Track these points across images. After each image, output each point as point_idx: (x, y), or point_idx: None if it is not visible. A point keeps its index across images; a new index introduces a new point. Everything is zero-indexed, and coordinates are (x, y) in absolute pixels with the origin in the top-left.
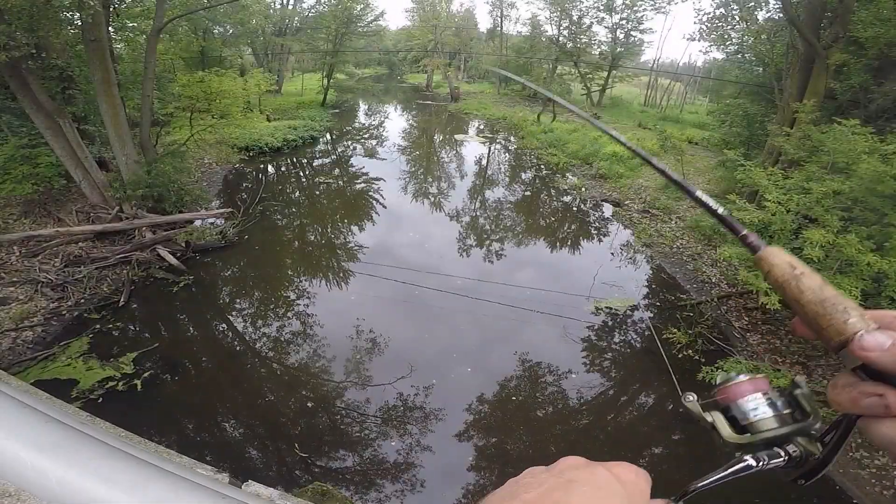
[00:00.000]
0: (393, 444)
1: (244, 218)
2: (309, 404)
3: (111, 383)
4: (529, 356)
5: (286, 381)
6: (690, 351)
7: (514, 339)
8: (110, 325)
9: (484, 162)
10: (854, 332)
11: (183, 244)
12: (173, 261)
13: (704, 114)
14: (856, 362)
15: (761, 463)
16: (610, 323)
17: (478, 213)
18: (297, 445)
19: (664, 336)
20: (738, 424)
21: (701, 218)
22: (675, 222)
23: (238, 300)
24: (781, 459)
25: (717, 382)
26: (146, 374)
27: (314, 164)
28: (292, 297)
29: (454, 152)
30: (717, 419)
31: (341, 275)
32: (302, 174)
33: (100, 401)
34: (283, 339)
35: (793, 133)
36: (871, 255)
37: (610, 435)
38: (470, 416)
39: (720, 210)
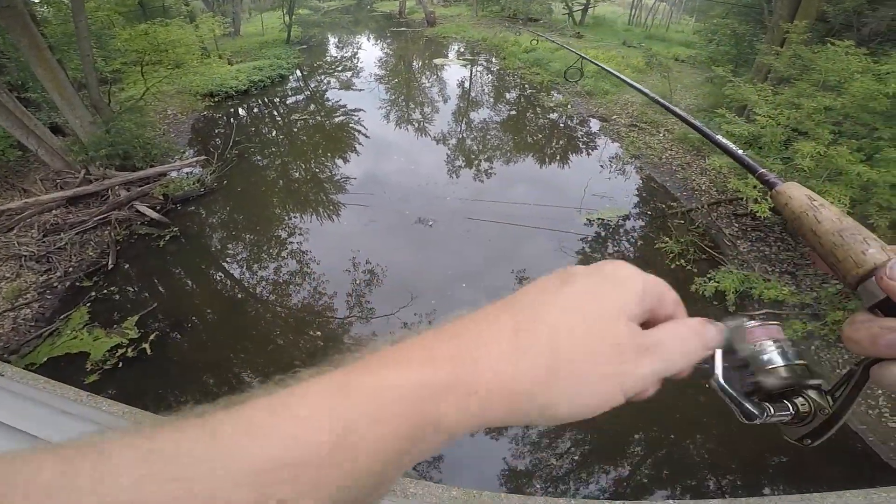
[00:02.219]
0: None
1: (220, 164)
2: (319, 343)
3: (121, 350)
4: (527, 272)
5: (292, 324)
6: (682, 261)
7: (510, 256)
8: (105, 291)
9: (466, 84)
10: (874, 264)
11: (161, 197)
12: (154, 215)
13: (691, 33)
14: (875, 299)
15: (766, 414)
16: (603, 234)
17: (465, 135)
18: None
19: (656, 245)
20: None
21: (688, 131)
22: (664, 135)
23: (229, 245)
24: (788, 413)
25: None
26: (153, 337)
27: (287, 103)
28: (284, 235)
29: (435, 77)
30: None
31: (331, 208)
32: (276, 113)
33: (119, 367)
34: (281, 280)
35: (783, 52)
36: (860, 165)
37: None
38: None
39: (739, 151)
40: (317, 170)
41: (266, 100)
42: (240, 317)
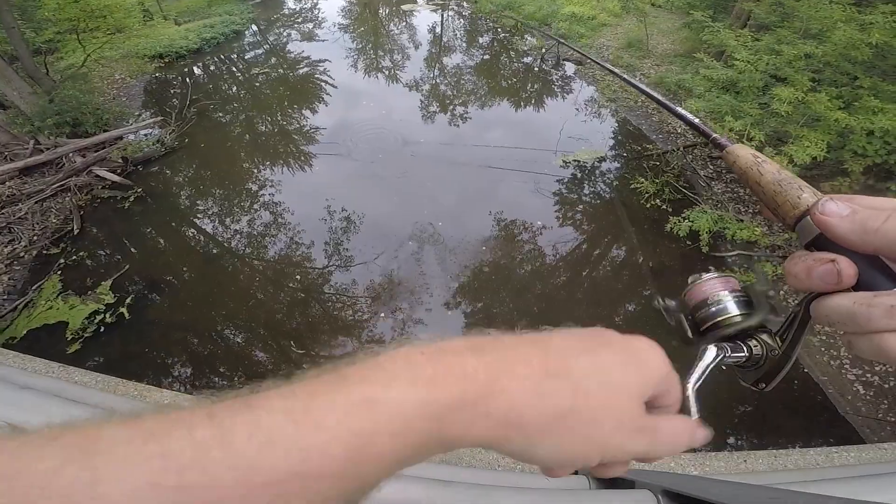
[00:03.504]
0: (387, 322)
1: (179, 123)
2: (299, 295)
3: (99, 317)
4: (504, 215)
5: (271, 277)
6: (658, 200)
7: (488, 199)
8: (75, 258)
9: (438, 30)
10: (808, 205)
11: (120, 160)
12: (115, 178)
13: None
14: (810, 236)
15: (723, 353)
16: (579, 175)
17: (438, 81)
18: (292, 343)
19: (632, 185)
20: (705, 321)
21: (665, 75)
22: (640, 78)
23: (199, 202)
24: (743, 355)
25: (689, 282)
26: (129, 300)
27: (246, 58)
28: (255, 188)
29: (404, 24)
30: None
31: (302, 159)
32: (234, 69)
33: (101, 333)
34: (256, 233)
35: None
36: (839, 112)
37: (587, 292)
38: (454, 283)
39: (695, 120)
40: (284, 122)
41: (222, 57)
42: (217, 273)
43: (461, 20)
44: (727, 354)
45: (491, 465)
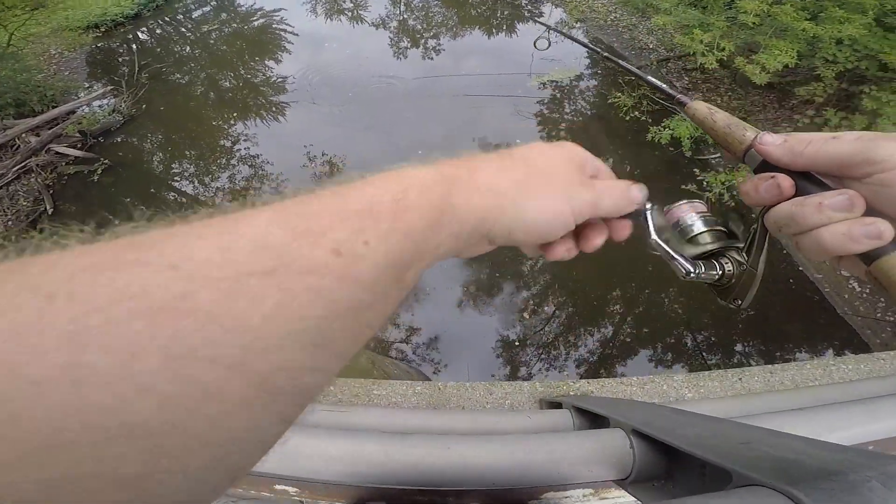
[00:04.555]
0: None
1: (132, 89)
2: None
3: None
4: (489, 139)
5: None
6: (637, 112)
7: (471, 126)
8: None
9: None
10: (751, 140)
11: (78, 134)
12: (77, 153)
13: None
14: (755, 162)
15: (698, 269)
16: (558, 95)
17: (405, 16)
18: None
19: (609, 101)
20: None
21: None
22: None
23: (173, 165)
24: (716, 272)
25: (663, 210)
26: None
27: (193, 17)
28: (228, 144)
29: None
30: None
31: (274, 109)
32: (183, 29)
33: None
34: (238, 187)
35: None
36: (806, 23)
37: None
38: None
39: (663, 85)
40: (248, 76)
41: (167, 19)
42: None
43: None
44: (701, 271)
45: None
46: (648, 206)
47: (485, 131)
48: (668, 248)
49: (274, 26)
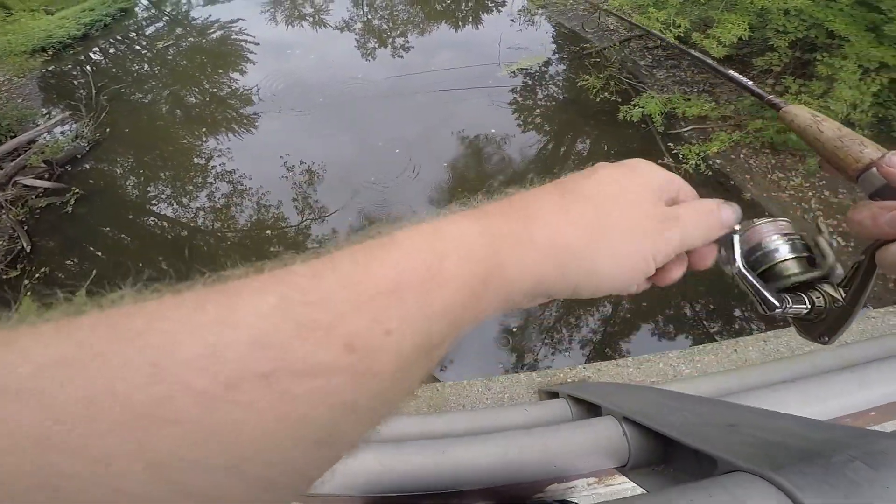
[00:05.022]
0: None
1: (93, 113)
2: (285, 256)
3: None
4: (466, 132)
5: (250, 246)
6: (606, 93)
7: (448, 120)
8: (38, 275)
9: None
10: (871, 158)
11: (43, 164)
12: (45, 184)
13: None
14: (873, 187)
15: (784, 305)
16: (529, 82)
17: (370, 17)
18: None
19: (578, 84)
20: (758, 265)
21: None
22: None
23: (148, 188)
24: (804, 307)
25: (740, 229)
26: None
27: (147, 34)
28: (203, 162)
29: None
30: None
31: (245, 121)
32: (137, 47)
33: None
34: (219, 206)
35: None
36: None
37: None
38: (433, 207)
39: (749, 84)
40: (214, 89)
41: (119, 37)
42: (193, 254)
43: None
44: (788, 306)
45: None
46: (737, 227)
47: (462, 124)
48: (755, 282)
49: (233, 37)
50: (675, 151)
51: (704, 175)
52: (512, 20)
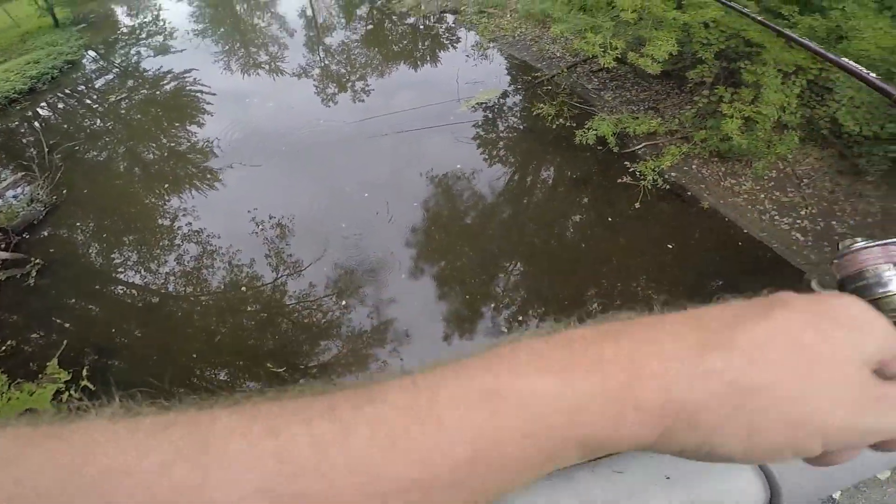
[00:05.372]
0: (360, 312)
1: (47, 173)
2: (262, 315)
3: (64, 395)
4: (434, 171)
5: (225, 307)
6: (561, 119)
7: (415, 160)
8: (4, 348)
9: (309, 13)
10: None
11: None
12: (4, 255)
13: None
14: None
15: None
16: (490, 115)
17: (327, 62)
18: (269, 364)
19: (534, 112)
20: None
21: (530, 6)
22: (510, 15)
23: (112, 254)
24: None
25: (840, 250)
26: (86, 372)
27: (96, 87)
28: (167, 223)
29: (268, 14)
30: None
31: (208, 177)
32: (88, 101)
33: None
34: (189, 269)
35: None
36: (674, 12)
37: (532, 217)
38: (411, 250)
39: (871, 75)
40: (172, 144)
41: (67, 91)
42: (167, 320)
43: None
44: None
45: None
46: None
47: (429, 163)
48: None
49: (188, 88)
50: (632, 169)
51: (663, 189)
52: (467, 56)
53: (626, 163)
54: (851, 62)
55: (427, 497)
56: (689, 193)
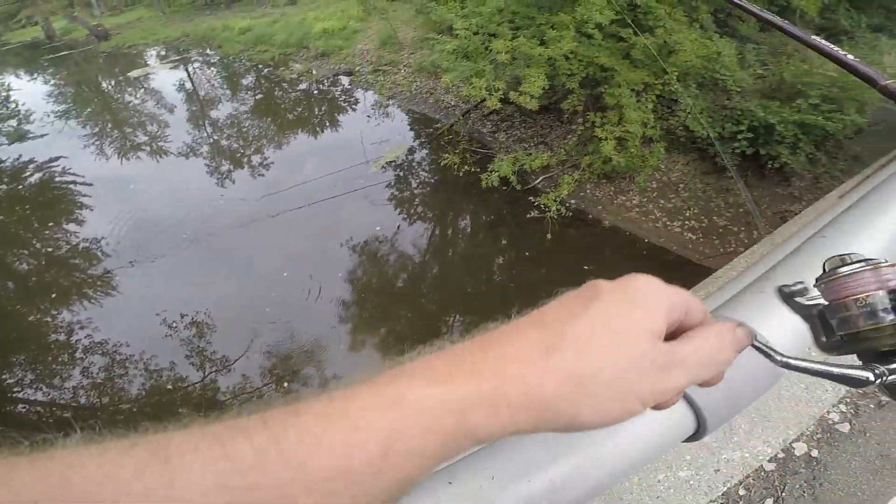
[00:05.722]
0: (306, 392)
1: None
2: (199, 416)
3: None
4: (354, 239)
5: (151, 415)
6: (466, 166)
7: (333, 231)
8: None
9: (189, 85)
10: None
11: None
12: None
13: None
14: None
15: (880, 376)
16: (401, 174)
17: (216, 137)
18: None
19: (441, 163)
20: (847, 327)
21: (422, 60)
22: (404, 70)
23: (4, 375)
24: None
25: (826, 269)
26: None
27: None
28: (62, 338)
29: (142, 90)
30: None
31: (99, 283)
32: None
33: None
34: (100, 381)
35: None
36: (539, 48)
37: (460, 267)
38: (347, 324)
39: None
40: (49, 248)
41: None
42: (86, 431)
43: (212, 68)
44: (884, 379)
45: None
46: (756, 334)
47: (348, 232)
48: (824, 367)
49: (57, 179)
50: (536, 203)
51: (567, 217)
52: (368, 116)
53: (530, 198)
54: (834, 46)
55: (349, 483)
56: (590, 216)
